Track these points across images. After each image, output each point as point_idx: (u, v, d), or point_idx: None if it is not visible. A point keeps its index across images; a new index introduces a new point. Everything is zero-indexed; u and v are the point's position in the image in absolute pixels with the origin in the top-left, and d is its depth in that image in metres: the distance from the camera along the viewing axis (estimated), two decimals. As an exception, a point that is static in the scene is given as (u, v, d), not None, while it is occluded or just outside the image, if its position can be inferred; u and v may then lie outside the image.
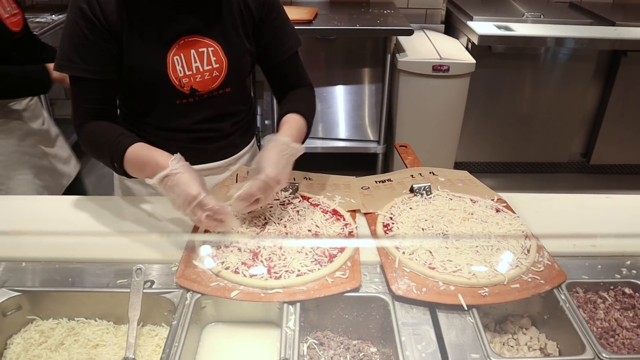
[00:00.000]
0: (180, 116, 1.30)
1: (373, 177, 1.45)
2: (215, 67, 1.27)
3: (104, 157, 1.20)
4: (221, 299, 1.00)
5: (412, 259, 1.07)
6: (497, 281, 1.02)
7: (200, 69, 1.25)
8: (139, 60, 1.20)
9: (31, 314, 1.04)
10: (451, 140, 3.23)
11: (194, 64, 1.24)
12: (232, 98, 1.36)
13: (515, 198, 1.34)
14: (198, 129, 1.33)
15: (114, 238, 1.21)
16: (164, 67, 1.22)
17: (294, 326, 0.94)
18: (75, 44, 1.16)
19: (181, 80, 1.24)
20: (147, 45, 1.20)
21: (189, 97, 1.27)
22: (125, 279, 1.06)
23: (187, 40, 1.23)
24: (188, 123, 1.32)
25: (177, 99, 1.27)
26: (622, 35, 3.10)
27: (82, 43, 1.16)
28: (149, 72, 1.22)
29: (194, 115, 1.32)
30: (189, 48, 1.23)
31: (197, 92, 1.28)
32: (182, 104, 1.28)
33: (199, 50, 1.24)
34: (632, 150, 3.57)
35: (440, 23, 3.60)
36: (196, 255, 1.09)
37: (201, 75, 1.26)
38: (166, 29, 1.21)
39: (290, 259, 1.07)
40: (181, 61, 1.23)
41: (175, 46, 1.22)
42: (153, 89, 1.25)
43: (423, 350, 0.90)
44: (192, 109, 1.30)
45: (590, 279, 1.08)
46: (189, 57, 1.24)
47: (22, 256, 1.12)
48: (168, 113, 1.30)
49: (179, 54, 1.22)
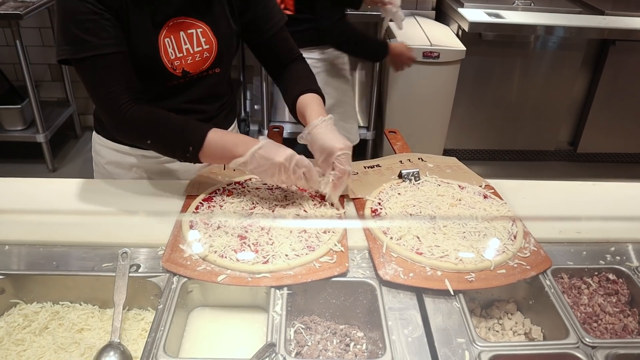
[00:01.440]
0: (169, 96, 1.29)
1: (362, 163, 1.44)
2: (206, 48, 1.26)
3: (173, 141, 1.17)
4: (208, 283, 1.00)
5: (399, 244, 1.07)
6: (483, 267, 1.03)
7: (191, 51, 1.24)
8: (133, 43, 1.17)
9: (15, 298, 1.03)
10: (440, 127, 3.24)
11: (184, 46, 1.23)
12: (220, 79, 1.36)
13: (502, 184, 1.35)
14: (185, 109, 1.31)
15: (100, 221, 1.20)
16: (156, 51, 1.20)
17: (281, 311, 0.94)
18: (82, 21, 1.09)
19: (173, 62, 1.23)
20: (139, 29, 1.17)
21: (180, 78, 1.26)
22: (111, 263, 1.05)
23: (175, 21, 1.21)
24: (176, 103, 1.30)
25: (169, 81, 1.25)
26: (611, 24, 3.11)
27: (90, 19, 1.09)
28: (142, 56, 1.19)
29: (183, 95, 1.30)
30: (178, 30, 1.22)
31: (189, 74, 1.27)
32: (172, 86, 1.27)
33: (187, 32, 1.23)
34: (619, 138, 3.60)
35: (431, 9, 3.58)
36: (183, 239, 1.09)
37: (192, 57, 1.25)
38: (156, 10, 1.18)
39: (277, 243, 1.06)
40: (172, 43, 1.21)
41: (165, 28, 1.20)
42: (145, 71, 1.22)
43: (409, 335, 0.90)
44: (182, 89, 1.29)
45: (575, 265, 1.10)
46: (179, 39, 1.22)
47: (5, 239, 1.10)
48: (158, 94, 1.28)
49: (169, 36, 1.21)
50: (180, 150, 1.17)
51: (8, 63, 3.54)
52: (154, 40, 1.19)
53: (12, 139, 3.29)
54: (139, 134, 1.20)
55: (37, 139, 3.22)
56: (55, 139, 3.44)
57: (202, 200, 1.22)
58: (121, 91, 1.14)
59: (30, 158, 3.38)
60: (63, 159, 3.51)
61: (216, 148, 1.15)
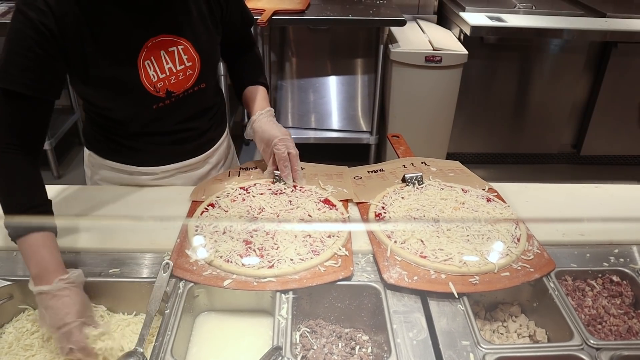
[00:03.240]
0: (158, 120, 1.27)
1: (365, 167, 1.45)
2: (188, 65, 1.22)
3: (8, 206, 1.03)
4: (214, 288, 1.01)
5: (403, 247, 1.08)
6: (487, 269, 1.03)
7: (174, 70, 1.20)
8: (108, 71, 1.13)
9: (23, 304, 1.04)
10: (443, 131, 3.24)
11: (166, 66, 1.19)
12: (207, 93, 1.34)
13: (506, 188, 1.35)
14: (176, 130, 1.31)
15: (106, 227, 1.21)
16: (136, 75, 1.15)
17: (286, 314, 0.95)
18: (17, 54, 1.02)
19: (156, 85, 1.19)
20: (115, 55, 1.12)
21: (164, 99, 1.23)
22: (118, 269, 1.06)
23: (155, 41, 1.16)
24: (166, 125, 1.29)
25: (154, 104, 1.22)
26: (613, 26, 3.11)
27: (24, 54, 1.02)
28: (121, 83, 1.15)
29: (172, 117, 1.28)
30: (159, 49, 1.17)
31: (173, 93, 1.23)
32: (158, 108, 1.23)
33: (169, 50, 1.18)
34: (622, 141, 3.59)
35: (433, 13, 3.59)
36: (189, 244, 1.09)
37: (175, 77, 1.21)
38: (132, 35, 1.14)
39: (283, 248, 1.07)
40: (152, 65, 1.17)
41: (144, 50, 1.15)
42: (127, 98, 1.19)
43: (414, 338, 0.91)
44: (169, 110, 1.26)
45: (578, 267, 1.10)
46: (160, 59, 1.17)
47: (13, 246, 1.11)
48: (145, 119, 1.26)
49: (149, 58, 1.16)
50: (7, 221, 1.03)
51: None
52: (132, 65, 1.14)
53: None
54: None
55: (42, 146, 3.23)
56: (60, 146, 3.45)
57: (208, 206, 1.23)
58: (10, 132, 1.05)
59: (35, 165, 3.39)
60: (68, 166, 3.53)
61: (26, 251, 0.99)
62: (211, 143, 1.44)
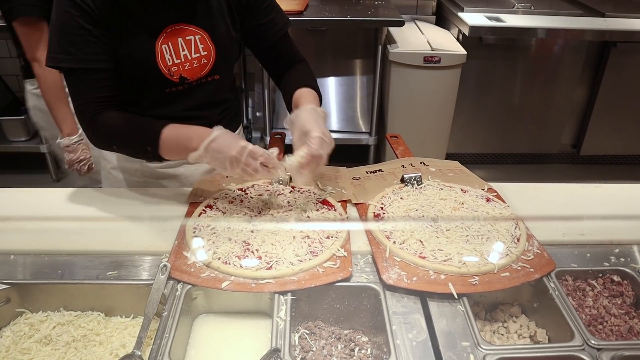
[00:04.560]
0: (169, 104, 1.30)
1: (364, 168, 1.45)
2: (204, 54, 1.27)
3: (133, 144, 1.21)
4: (212, 290, 1.00)
5: (402, 248, 1.08)
6: (487, 270, 1.02)
7: (189, 57, 1.25)
8: (128, 50, 1.19)
9: (20, 307, 1.04)
10: (443, 132, 3.24)
11: (182, 52, 1.24)
12: (221, 85, 1.36)
13: (505, 188, 1.35)
14: (186, 117, 1.32)
15: (103, 230, 1.20)
16: (152, 57, 1.21)
17: (285, 316, 0.94)
18: (70, 34, 1.13)
19: (170, 69, 1.24)
20: (135, 35, 1.19)
21: (178, 85, 1.27)
22: (115, 271, 1.06)
23: (174, 28, 1.22)
24: (176, 110, 1.31)
25: (167, 87, 1.26)
26: (612, 26, 3.11)
27: (76, 32, 1.13)
28: (139, 62, 1.21)
29: (183, 103, 1.31)
30: (177, 36, 1.23)
31: (187, 80, 1.27)
32: (171, 92, 1.28)
33: (186, 38, 1.24)
34: (622, 141, 3.59)
35: (432, 14, 3.60)
36: (186, 246, 1.09)
37: (190, 63, 1.26)
38: (154, 18, 1.20)
39: (281, 249, 1.06)
40: (169, 49, 1.22)
41: (163, 35, 1.21)
42: (143, 78, 1.24)
43: (414, 339, 0.90)
44: (181, 96, 1.30)
45: (579, 267, 1.09)
46: (177, 46, 1.23)
47: (10, 248, 1.11)
48: (157, 101, 1.29)
49: (167, 43, 1.22)
50: (142, 152, 1.21)
51: (11, 75, 3.56)
52: (150, 47, 1.21)
53: (15, 150, 3.30)
54: (106, 141, 1.23)
55: (40, 149, 3.23)
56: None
57: (205, 207, 1.22)
58: (92, 103, 1.18)
59: (34, 169, 3.39)
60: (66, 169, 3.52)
61: (171, 144, 1.16)
62: None
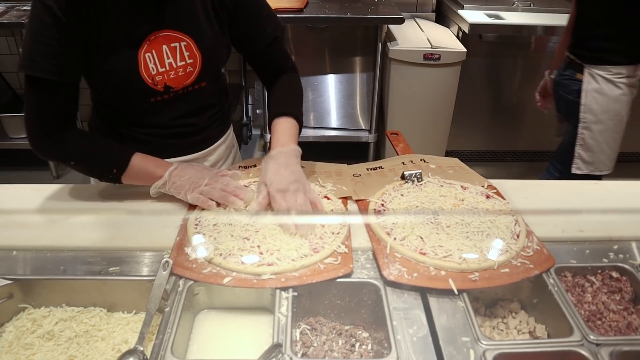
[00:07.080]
0: (155, 113, 1.27)
1: (364, 165, 1.45)
2: (189, 62, 1.23)
3: (96, 166, 1.23)
4: (214, 286, 1.01)
5: (403, 244, 1.08)
6: (487, 266, 1.03)
7: (174, 65, 1.21)
8: (110, 61, 1.15)
9: (23, 302, 1.04)
10: (442, 129, 3.24)
11: (166, 60, 1.20)
12: (208, 92, 1.33)
13: (505, 184, 1.35)
14: (174, 125, 1.31)
15: (106, 226, 1.21)
16: (135, 67, 1.17)
17: (286, 312, 0.95)
18: (39, 42, 1.08)
19: (154, 78, 1.20)
20: (116, 46, 1.15)
21: (163, 94, 1.24)
22: (117, 267, 1.06)
23: (157, 35, 1.18)
24: (163, 120, 1.29)
25: (151, 97, 1.23)
26: (612, 23, 3.10)
27: (46, 42, 1.08)
28: (121, 74, 1.17)
29: (169, 112, 1.29)
30: (161, 44, 1.18)
31: (172, 88, 1.24)
32: (156, 102, 1.25)
33: (170, 46, 1.20)
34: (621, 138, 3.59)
35: (431, 11, 3.59)
36: (188, 242, 1.09)
37: (175, 72, 1.22)
38: (136, 26, 1.15)
39: (282, 245, 1.07)
40: (153, 58, 1.18)
41: (146, 43, 1.17)
42: (126, 89, 1.21)
43: (414, 335, 0.91)
44: (167, 105, 1.27)
45: (578, 263, 1.10)
46: (161, 53, 1.19)
47: (12, 244, 1.11)
48: (143, 111, 1.26)
49: (150, 51, 1.17)
50: (107, 173, 1.21)
51: (11, 72, 3.56)
52: (133, 57, 1.16)
53: (16, 147, 3.30)
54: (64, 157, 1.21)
55: (40, 146, 3.23)
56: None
57: (207, 204, 1.23)
58: (51, 115, 1.15)
59: (34, 165, 3.39)
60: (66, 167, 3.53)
61: (136, 173, 1.21)
62: (210, 141, 1.43)
